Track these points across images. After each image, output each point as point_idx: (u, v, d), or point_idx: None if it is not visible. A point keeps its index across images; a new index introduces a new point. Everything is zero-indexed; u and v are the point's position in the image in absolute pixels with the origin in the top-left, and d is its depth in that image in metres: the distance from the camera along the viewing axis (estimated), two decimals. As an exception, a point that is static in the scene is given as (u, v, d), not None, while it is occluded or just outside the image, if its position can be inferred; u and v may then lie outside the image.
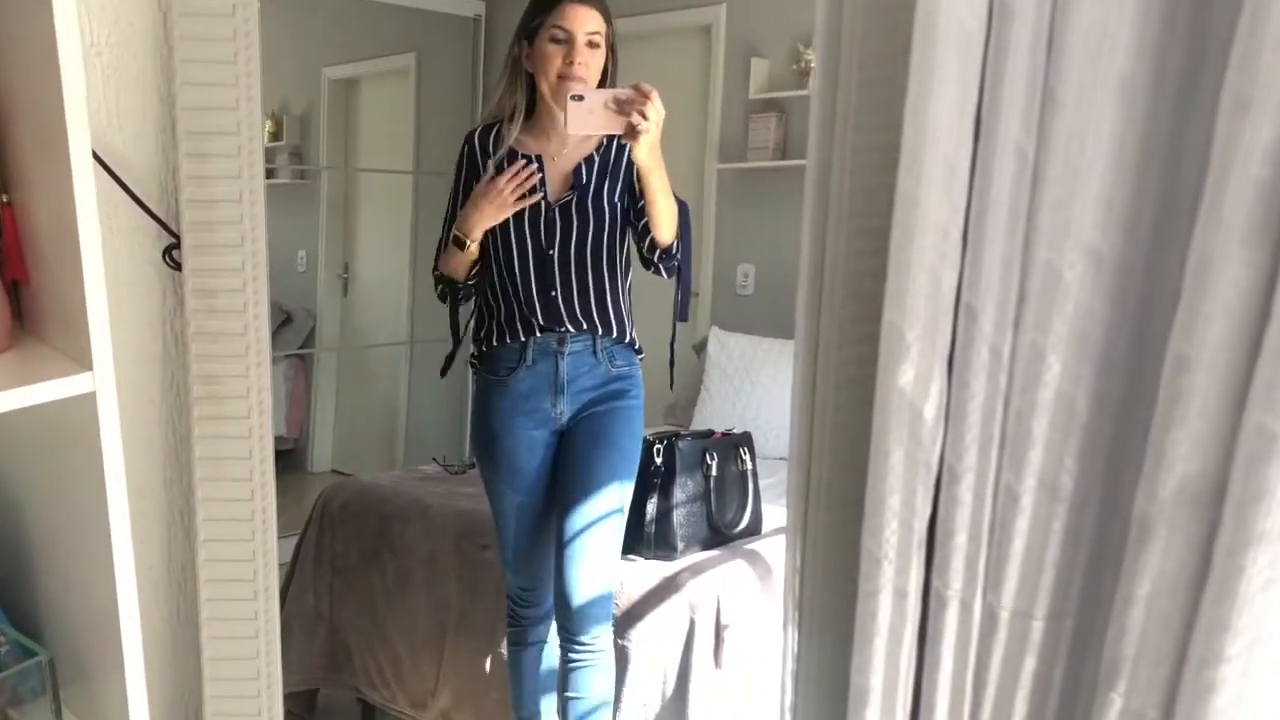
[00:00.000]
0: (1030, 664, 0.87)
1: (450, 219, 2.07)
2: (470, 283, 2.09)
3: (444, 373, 2.21)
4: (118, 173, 1.08)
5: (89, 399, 0.78)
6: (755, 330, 3.60)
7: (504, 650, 2.32)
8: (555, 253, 1.98)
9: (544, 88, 1.97)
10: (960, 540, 0.86)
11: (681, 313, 2.08)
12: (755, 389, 3.43)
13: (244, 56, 1.06)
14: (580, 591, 1.99)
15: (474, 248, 1.97)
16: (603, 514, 2.02)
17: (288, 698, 2.83)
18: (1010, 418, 0.83)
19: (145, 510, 1.19)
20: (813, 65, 3.63)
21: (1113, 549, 0.83)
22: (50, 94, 0.73)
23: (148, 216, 1.11)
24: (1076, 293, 0.79)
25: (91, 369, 0.77)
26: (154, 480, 1.18)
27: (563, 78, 1.93)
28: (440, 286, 2.12)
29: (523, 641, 2.21)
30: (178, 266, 1.12)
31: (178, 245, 1.12)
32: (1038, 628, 0.86)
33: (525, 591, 2.15)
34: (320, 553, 2.82)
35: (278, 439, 5.20)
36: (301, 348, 5.07)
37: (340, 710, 2.95)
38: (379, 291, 5.08)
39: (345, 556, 2.78)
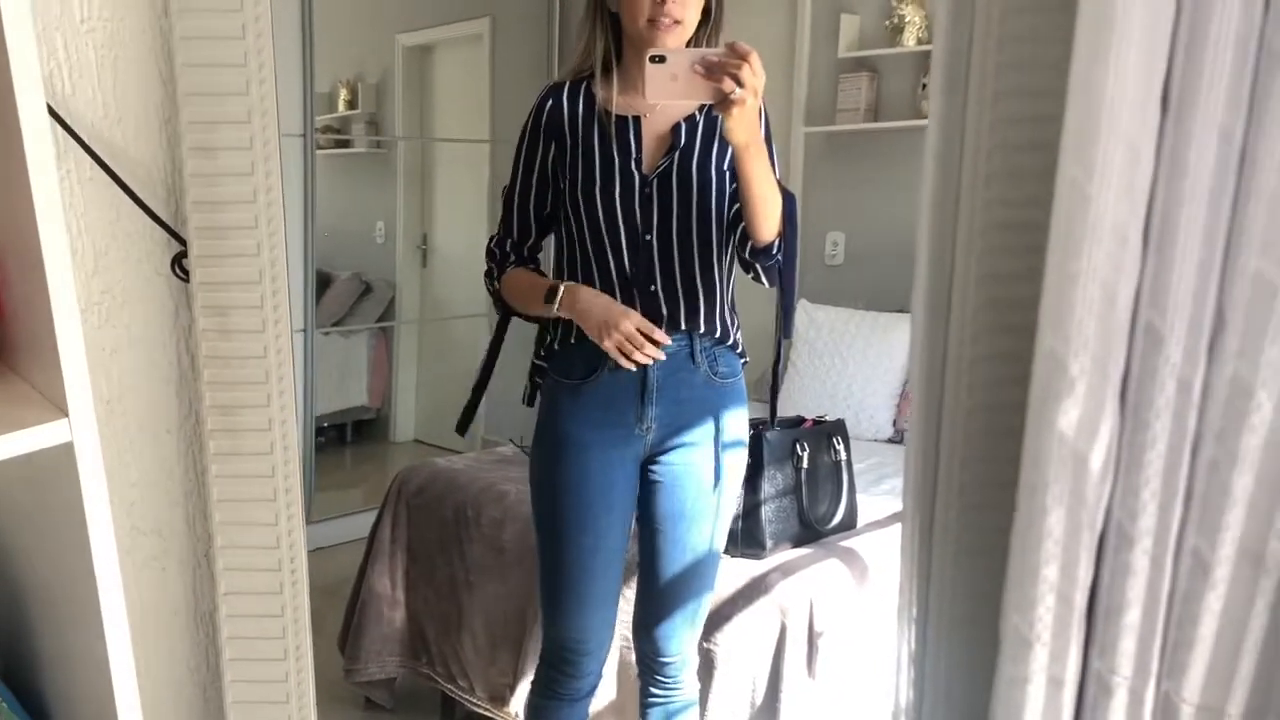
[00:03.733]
0: (1219, 769, 0.70)
1: (516, 188, 1.76)
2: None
3: (463, 427, 1.88)
4: (118, 171, 0.94)
5: (64, 450, 0.65)
6: (845, 302, 3.40)
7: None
8: (654, 238, 1.65)
9: (632, 32, 1.63)
10: (1132, 617, 0.69)
11: (785, 328, 1.73)
12: (846, 365, 3.24)
13: (254, 30, 0.90)
14: (682, 646, 1.81)
15: (560, 314, 1.66)
16: (706, 567, 1.77)
17: (366, 685, 2.78)
18: (1201, 468, 0.66)
19: (167, 551, 1.07)
20: (906, 20, 3.34)
21: (1334, 634, 0.65)
22: (2, 79, 0.59)
23: (153, 221, 0.97)
24: (1299, 313, 0.61)
25: (67, 414, 0.65)
26: (174, 519, 1.06)
27: (654, 19, 1.58)
28: (492, 294, 1.82)
29: (557, 699, 1.81)
30: (189, 277, 0.99)
31: (187, 254, 0.98)
32: (1231, 727, 0.69)
33: (576, 665, 1.77)
34: (395, 537, 2.74)
35: (359, 409, 5.20)
36: (381, 319, 5.04)
37: (420, 699, 2.88)
38: (457, 263, 5.01)
39: (420, 543, 2.70)
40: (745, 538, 2.15)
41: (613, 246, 1.67)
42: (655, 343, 1.63)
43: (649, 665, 1.84)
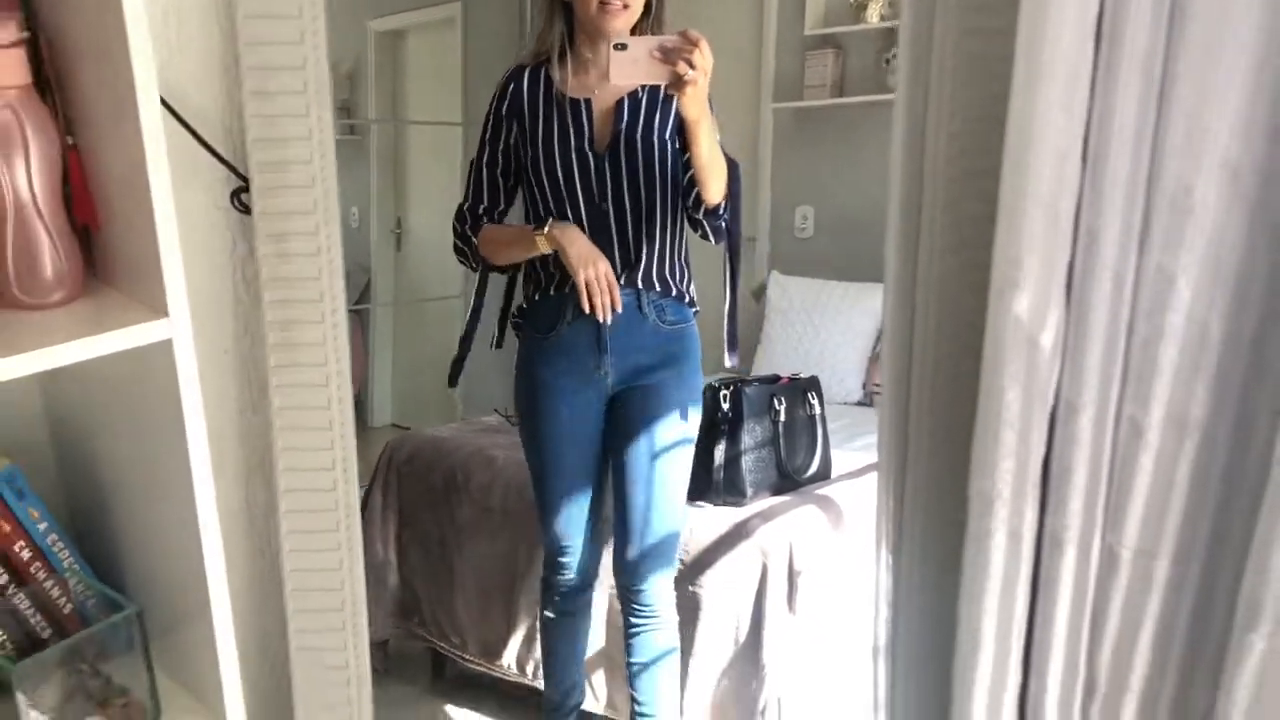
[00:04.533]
0: (1154, 607, 0.83)
1: (484, 160, 1.95)
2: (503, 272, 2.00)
3: (454, 378, 2.07)
4: (181, 113, 1.04)
5: (165, 346, 0.76)
6: (815, 273, 3.52)
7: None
8: (609, 205, 1.86)
9: (584, 17, 1.80)
10: (1079, 478, 0.81)
11: (733, 278, 1.95)
12: (818, 333, 3.36)
13: (309, -14, 1.02)
14: (641, 566, 1.96)
15: (543, 246, 1.83)
16: (664, 492, 1.95)
17: (359, 648, 2.88)
18: (1135, 346, 0.78)
19: (223, 464, 1.17)
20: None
21: (1246, 484, 0.78)
22: (112, 30, 0.69)
23: (214, 160, 1.08)
24: (1210, 210, 0.73)
25: (167, 315, 0.75)
26: (229, 433, 1.16)
27: (604, 3, 1.75)
28: (467, 249, 1.99)
29: (560, 610, 2.14)
30: (247, 210, 1.09)
31: (246, 189, 1.08)
32: (1162, 568, 0.82)
33: (564, 556, 2.07)
34: (387, 505, 2.83)
35: (336, 395, 5.24)
36: (357, 303, 5.08)
37: (411, 660, 2.97)
38: (432, 246, 5.07)
39: (412, 509, 2.79)
40: (727, 486, 2.27)
41: (573, 215, 1.87)
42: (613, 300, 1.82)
43: (626, 596, 2.01)
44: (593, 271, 1.80)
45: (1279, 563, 0.71)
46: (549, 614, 2.16)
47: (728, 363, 2.06)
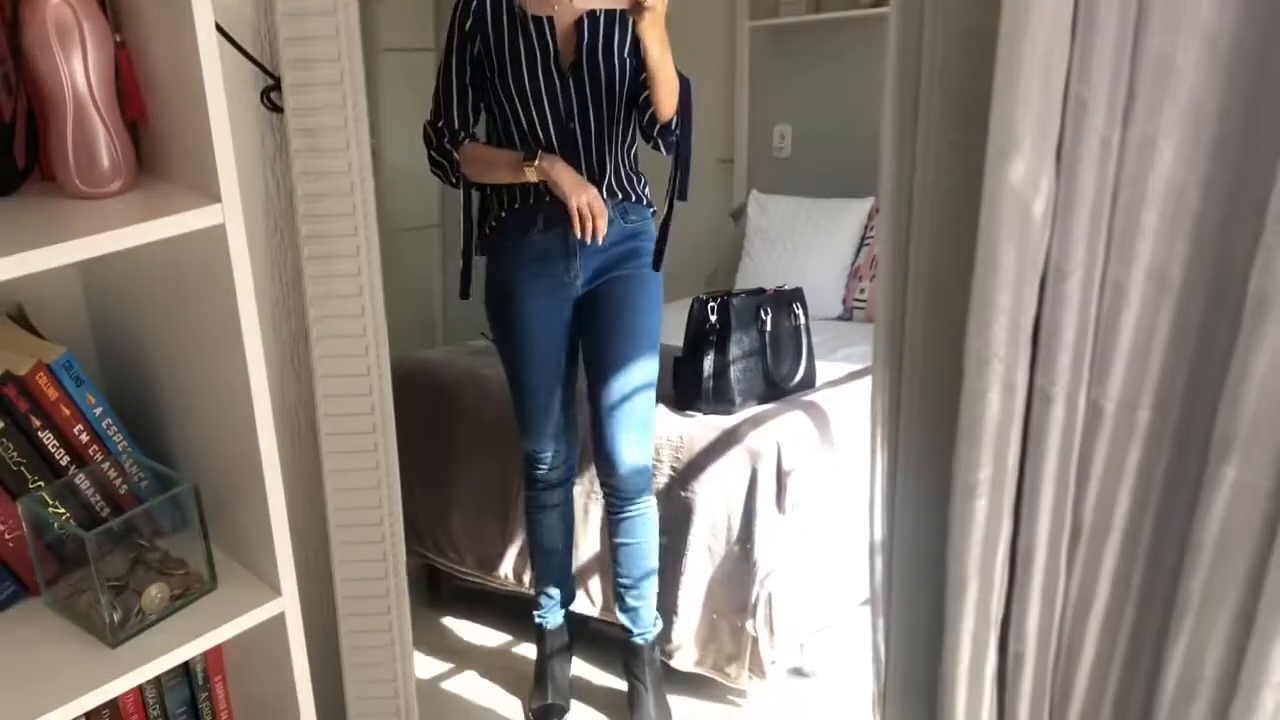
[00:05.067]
0: (1135, 453, 0.90)
1: (452, 77, 2.00)
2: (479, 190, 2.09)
3: (465, 290, 2.12)
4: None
5: (216, 232, 0.81)
6: (794, 191, 3.57)
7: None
8: (576, 125, 1.96)
9: None
10: (1067, 337, 0.88)
11: (681, 192, 2.05)
12: (798, 250, 3.42)
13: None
14: (628, 456, 2.07)
15: (531, 176, 1.93)
16: (640, 381, 2.07)
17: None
18: (1119, 211, 0.84)
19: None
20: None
21: (1220, 335, 0.85)
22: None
23: (243, 61, 1.12)
24: (1190, 79, 0.79)
25: (220, 200, 0.80)
26: (263, 326, 1.21)
27: None
28: (446, 164, 2.05)
29: (543, 504, 2.28)
30: (276, 109, 1.13)
31: (276, 87, 1.12)
32: (1143, 418, 0.89)
33: (542, 454, 2.22)
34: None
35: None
36: (334, 236, 5.06)
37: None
38: (408, 175, 5.02)
39: (406, 431, 2.83)
40: (716, 396, 2.35)
41: (543, 131, 1.96)
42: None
43: (607, 484, 2.14)
44: (585, 198, 1.90)
45: (1250, 395, 0.78)
46: (533, 510, 2.29)
47: (657, 268, 2.15)
